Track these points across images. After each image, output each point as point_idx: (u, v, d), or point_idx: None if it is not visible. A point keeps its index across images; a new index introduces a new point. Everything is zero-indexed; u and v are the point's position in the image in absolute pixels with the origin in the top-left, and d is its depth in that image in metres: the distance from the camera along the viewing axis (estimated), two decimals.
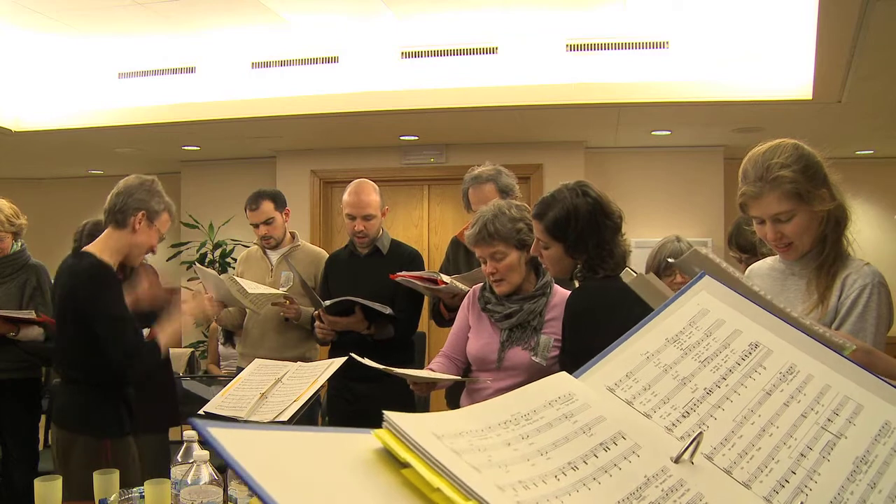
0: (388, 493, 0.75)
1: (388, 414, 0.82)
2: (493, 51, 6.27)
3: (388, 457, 0.79)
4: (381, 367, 2.67)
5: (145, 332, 2.96)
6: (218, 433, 0.69)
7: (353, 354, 2.83)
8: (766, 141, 2.04)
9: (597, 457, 0.85)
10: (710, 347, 1.07)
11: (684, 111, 6.34)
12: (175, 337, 3.05)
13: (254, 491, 0.63)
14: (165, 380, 3.37)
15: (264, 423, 2.56)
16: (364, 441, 0.81)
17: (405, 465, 0.78)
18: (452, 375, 2.81)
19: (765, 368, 1.05)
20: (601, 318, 2.27)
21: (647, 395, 0.99)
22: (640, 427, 0.93)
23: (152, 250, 3.06)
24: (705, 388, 1.00)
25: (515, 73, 6.21)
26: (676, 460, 0.87)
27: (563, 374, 0.99)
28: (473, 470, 0.78)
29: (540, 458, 0.83)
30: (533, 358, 2.73)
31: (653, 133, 7.38)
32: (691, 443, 0.88)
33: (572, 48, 6.13)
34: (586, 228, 2.48)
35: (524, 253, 2.77)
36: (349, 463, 0.77)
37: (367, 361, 2.97)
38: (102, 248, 2.92)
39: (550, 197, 2.56)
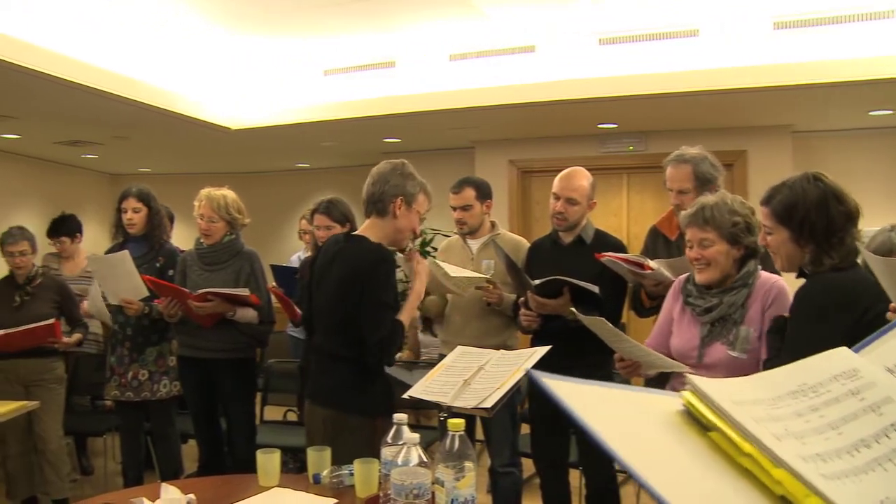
0: (697, 452, 0.78)
1: (691, 377, 0.86)
2: (694, 33, 6.08)
3: (691, 419, 0.83)
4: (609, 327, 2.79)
5: None
6: (550, 383, 0.80)
7: (573, 309, 3.04)
8: None
9: (888, 437, 0.82)
10: None
11: None
12: (412, 311, 3.08)
13: (585, 431, 0.72)
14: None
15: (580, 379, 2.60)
16: (668, 402, 0.87)
17: (708, 428, 0.81)
18: (677, 363, 2.74)
19: None
20: (832, 314, 2.19)
21: None
22: None
23: (415, 232, 3.10)
24: None
25: (718, 55, 5.99)
26: None
27: (845, 349, 0.96)
28: (775, 439, 0.79)
29: (832, 432, 0.82)
30: (730, 352, 2.66)
31: (870, 113, 6.89)
32: None
33: (780, 26, 5.84)
34: (813, 211, 2.31)
35: (733, 249, 2.69)
36: (660, 421, 0.82)
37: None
38: (370, 234, 2.99)
39: (780, 183, 2.44)
